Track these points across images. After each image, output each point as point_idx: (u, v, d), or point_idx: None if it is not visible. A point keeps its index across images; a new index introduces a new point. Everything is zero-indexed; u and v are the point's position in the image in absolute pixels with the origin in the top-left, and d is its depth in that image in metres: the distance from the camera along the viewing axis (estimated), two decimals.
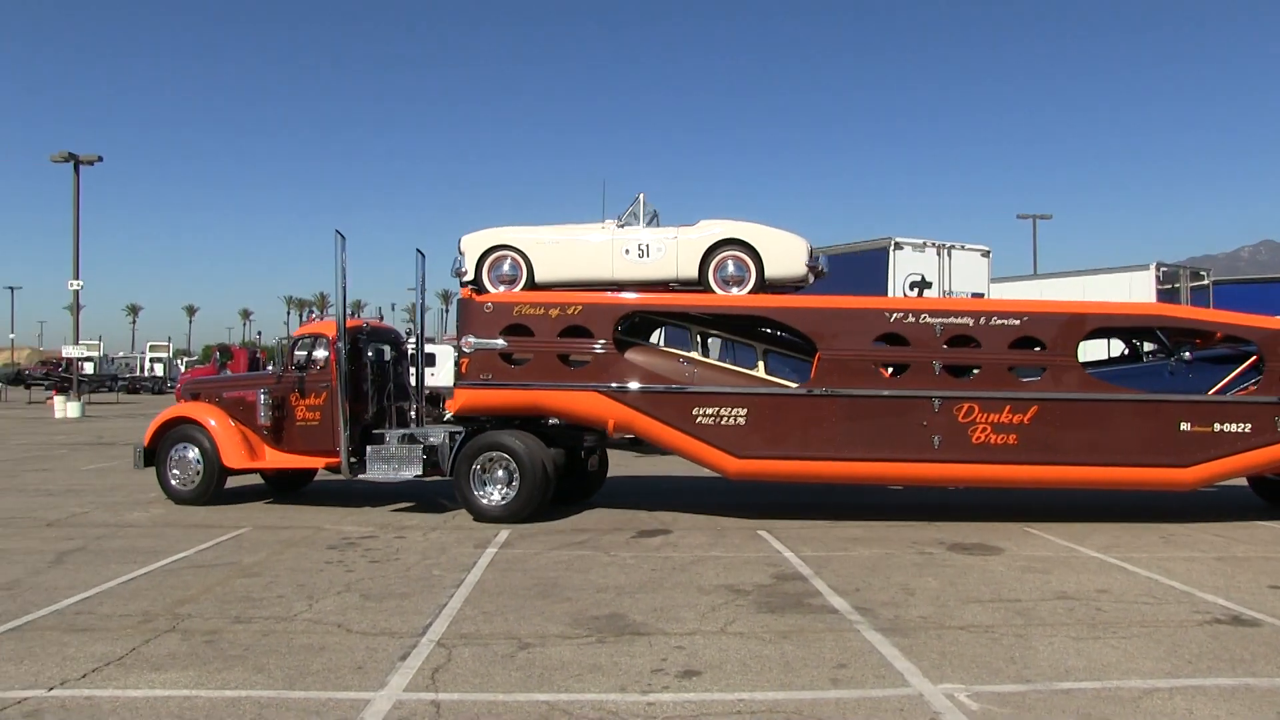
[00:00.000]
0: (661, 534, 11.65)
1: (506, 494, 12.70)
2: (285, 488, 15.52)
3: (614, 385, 12.66)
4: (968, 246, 22.44)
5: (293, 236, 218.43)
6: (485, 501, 12.73)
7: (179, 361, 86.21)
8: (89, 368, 52.84)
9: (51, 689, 5.99)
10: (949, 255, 22.06)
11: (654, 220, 13.60)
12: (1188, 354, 12.94)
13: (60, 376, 56.11)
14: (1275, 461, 12.33)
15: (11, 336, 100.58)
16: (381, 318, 12.50)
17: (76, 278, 39.80)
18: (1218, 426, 12.03)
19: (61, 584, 8.94)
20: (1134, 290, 24.26)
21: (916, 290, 19.94)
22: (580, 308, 12.86)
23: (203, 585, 8.84)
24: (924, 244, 21.85)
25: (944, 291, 21.54)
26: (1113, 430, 12.16)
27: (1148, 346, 13.82)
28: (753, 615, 7.79)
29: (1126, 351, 14.35)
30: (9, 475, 17.86)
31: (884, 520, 12.64)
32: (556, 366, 12.85)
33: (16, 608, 8.05)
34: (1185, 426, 12.05)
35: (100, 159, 40.62)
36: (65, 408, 37.57)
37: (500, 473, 12.75)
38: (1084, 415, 12.21)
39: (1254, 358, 12.42)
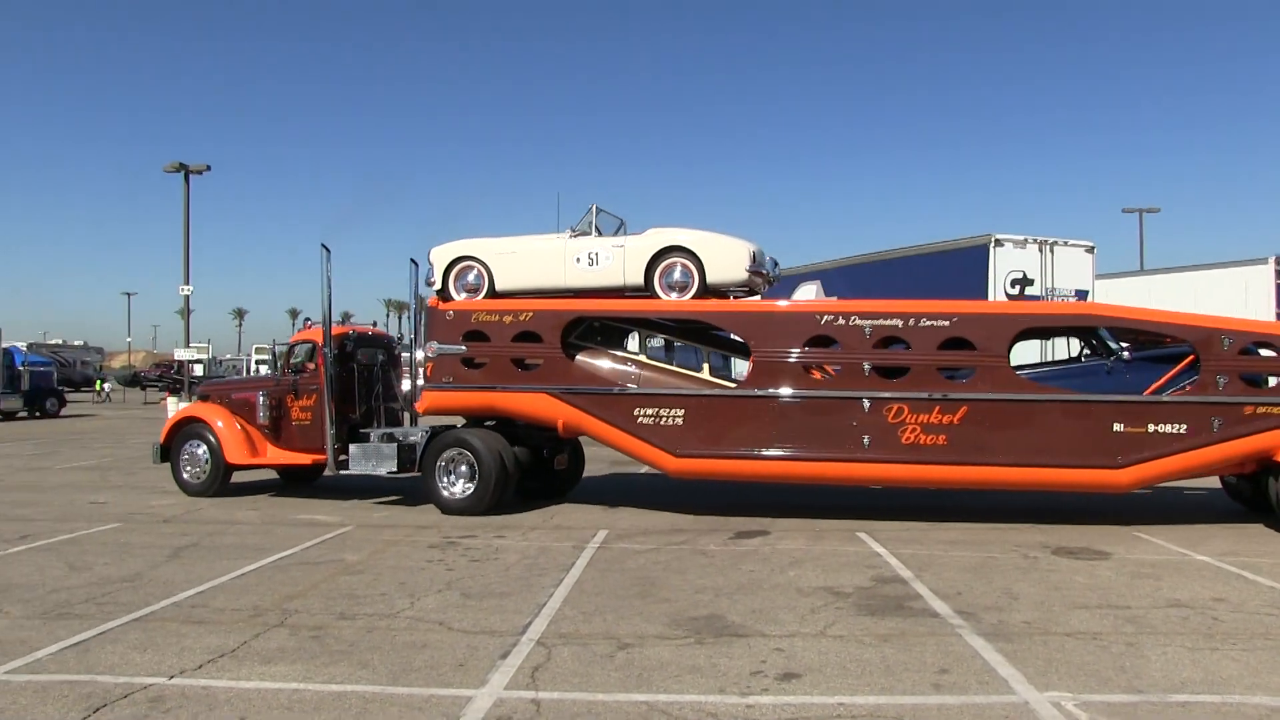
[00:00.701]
0: (759, 535, 11.60)
1: (468, 488, 13.40)
2: (297, 480, 16.40)
3: (563, 387, 13.26)
4: (1071, 242, 22.02)
5: (392, 240, 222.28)
6: (448, 494, 13.47)
7: None
8: (199, 369, 54.34)
9: (172, 677, 6.22)
10: (1051, 252, 21.71)
11: (621, 229, 14.13)
12: (1126, 354, 12.91)
13: (173, 378, 58.12)
14: (1213, 463, 12.09)
15: (128, 340, 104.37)
16: (375, 324, 13.55)
17: (187, 283, 41.15)
18: (1152, 427, 11.84)
19: (178, 578, 9.26)
20: (1250, 286, 23.55)
21: (1019, 289, 20.83)
22: (531, 314, 13.50)
23: (309, 582, 9.06)
24: (1025, 240, 21.62)
25: (1046, 289, 21.22)
26: (1044, 431, 12.09)
27: (1108, 346, 13.38)
28: (853, 618, 7.71)
29: (1087, 352, 13.98)
30: (127, 473, 18.58)
31: (985, 523, 12.41)
32: (510, 370, 13.55)
33: (139, 599, 8.37)
34: (1118, 427, 11.91)
35: (209, 168, 41.92)
36: (178, 408, 38.70)
37: (464, 468, 13.47)
38: (1014, 416, 12.19)
39: (1190, 358, 12.18)
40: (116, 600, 8.36)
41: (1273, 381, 12.43)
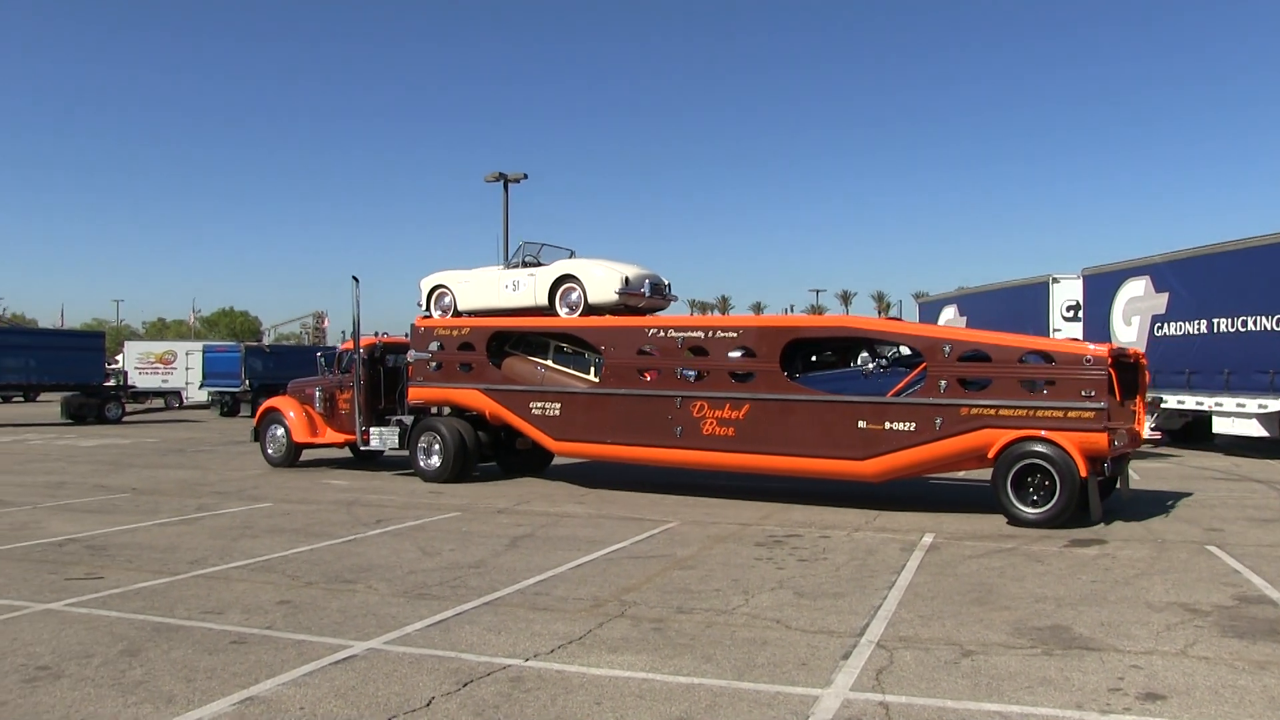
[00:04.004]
0: (1096, 544, 10.99)
1: (437, 462, 17.35)
2: (363, 459, 20.89)
3: (486, 385, 16.99)
4: None
5: (682, 238, 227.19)
6: (425, 466, 17.57)
7: None
8: None
9: (527, 660, 6.61)
10: None
11: (561, 255, 17.62)
12: (873, 362, 14.44)
13: None
14: (941, 458, 13.25)
15: None
16: (407, 335, 17.14)
17: None
18: (888, 425, 13.26)
19: (519, 566, 9.83)
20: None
21: (1073, 313, 25.55)
22: (468, 330, 17.46)
23: (643, 575, 9.38)
24: (1079, 275, 24.19)
25: None
26: (806, 426, 13.89)
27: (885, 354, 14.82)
28: (1218, 639, 7.13)
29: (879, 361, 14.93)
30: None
31: None
32: (456, 372, 17.45)
33: (486, 585, 8.96)
34: (862, 424, 13.43)
35: (525, 176, 44.04)
36: None
37: (436, 447, 17.43)
38: (783, 413, 14.11)
39: (923, 364, 13.41)
40: (467, 584, 8.97)
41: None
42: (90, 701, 5.81)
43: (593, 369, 16.33)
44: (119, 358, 52.73)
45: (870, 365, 14.38)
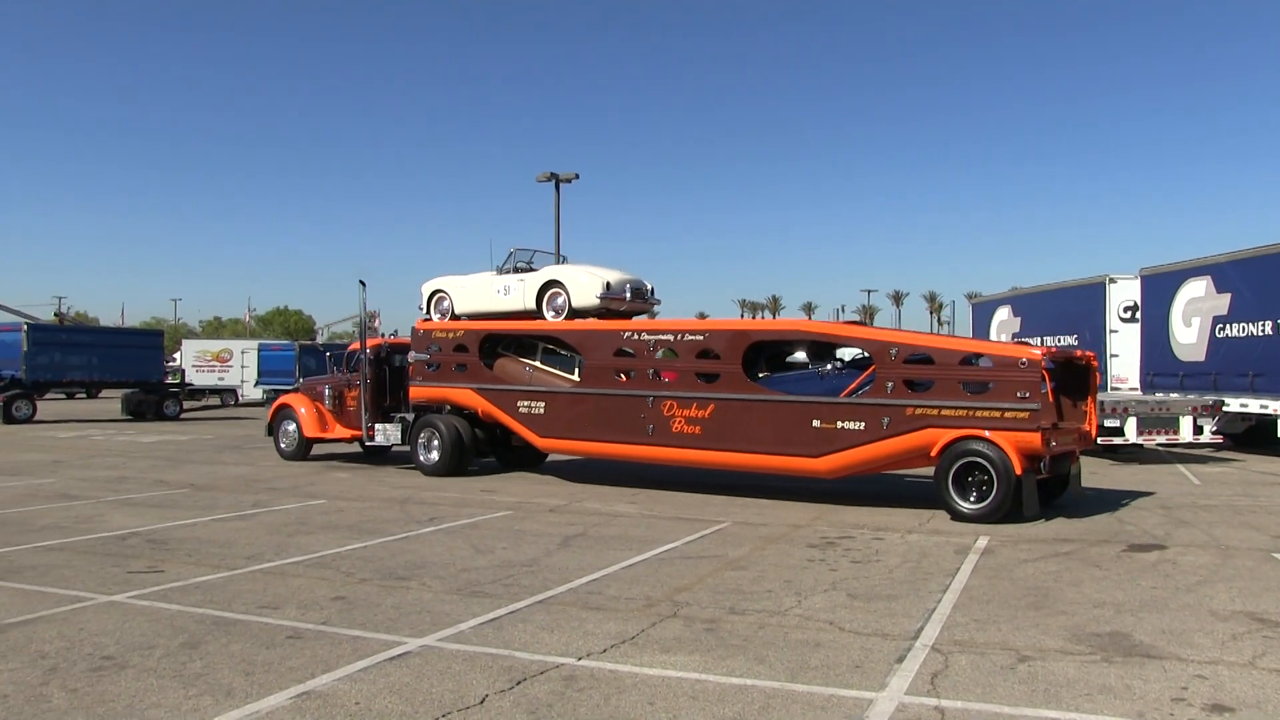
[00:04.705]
0: (1156, 549, 10.79)
1: (436, 456, 18.20)
2: (371, 454, 21.80)
3: (478, 385, 17.79)
4: None
5: (750, 236, 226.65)
6: (424, 460, 18.34)
7: None
8: None
9: (580, 659, 6.61)
10: None
11: (551, 261, 19.22)
12: (830, 364, 15.21)
13: None
14: (888, 456, 13.75)
15: None
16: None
17: None
18: (839, 424, 13.84)
19: (571, 565, 9.84)
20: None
21: (1130, 314, 25.05)
22: (462, 333, 18.33)
23: (695, 575, 9.35)
24: (1136, 275, 23.93)
25: None
26: (765, 425, 14.52)
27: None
28: None
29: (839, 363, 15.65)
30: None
31: None
32: (452, 372, 18.33)
33: (539, 583, 8.98)
34: (816, 423, 14.01)
35: (577, 176, 44.14)
36: None
37: (435, 442, 18.27)
38: (744, 412, 14.76)
39: (873, 366, 13.95)
40: (519, 583, 9.00)
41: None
42: (153, 692, 5.90)
43: (577, 370, 17.11)
44: (176, 356, 53.56)
45: (827, 367, 15.15)
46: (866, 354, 14.49)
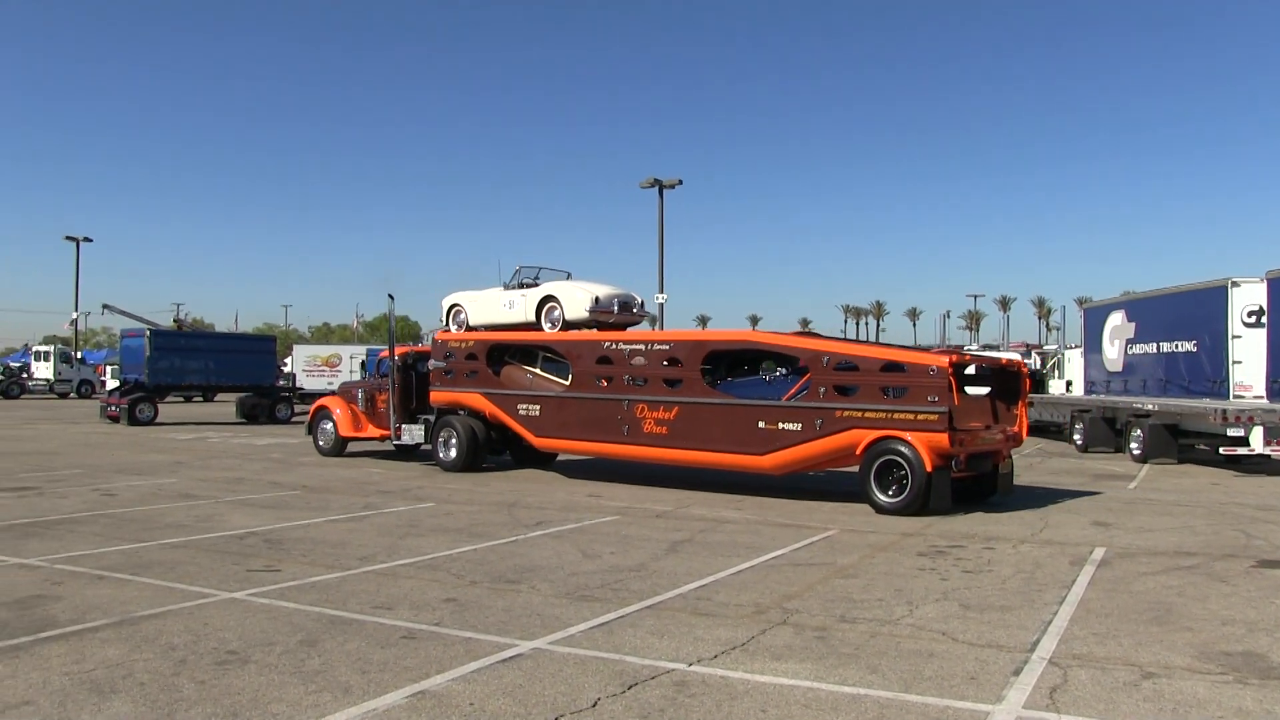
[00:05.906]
0: None
1: (454, 454, 19.99)
2: (403, 452, 23.32)
3: (487, 390, 19.60)
4: None
5: (850, 240, 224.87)
6: (444, 457, 20.17)
7: None
8: None
9: (691, 665, 6.60)
10: None
11: (555, 276, 20.42)
12: (777, 370, 16.68)
13: None
14: (823, 454, 15.06)
15: None
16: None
17: (661, 291, 43.71)
18: (780, 425, 15.29)
19: (679, 570, 9.84)
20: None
21: (1255, 319, 23.59)
22: (472, 343, 20.22)
23: (804, 583, 9.27)
24: (1262, 278, 22.97)
25: None
26: (719, 426, 16.03)
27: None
28: None
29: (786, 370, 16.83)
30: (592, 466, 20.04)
31: None
32: (464, 378, 20.15)
33: (647, 588, 9.00)
34: (761, 424, 15.48)
35: (680, 182, 44.26)
36: None
37: (453, 441, 20.13)
38: (701, 414, 16.32)
39: (809, 373, 15.30)
40: (628, 588, 9.02)
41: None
42: (275, 687, 6.07)
43: (570, 376, 18.59)
44: (288, 360, 54.92)
45: (776, 372, 16.63)
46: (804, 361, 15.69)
